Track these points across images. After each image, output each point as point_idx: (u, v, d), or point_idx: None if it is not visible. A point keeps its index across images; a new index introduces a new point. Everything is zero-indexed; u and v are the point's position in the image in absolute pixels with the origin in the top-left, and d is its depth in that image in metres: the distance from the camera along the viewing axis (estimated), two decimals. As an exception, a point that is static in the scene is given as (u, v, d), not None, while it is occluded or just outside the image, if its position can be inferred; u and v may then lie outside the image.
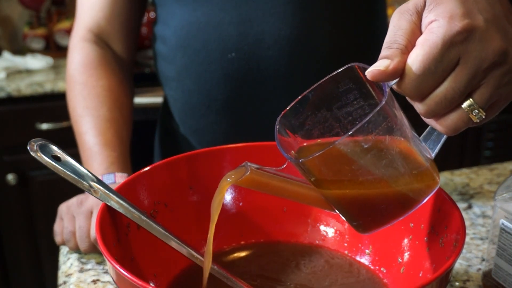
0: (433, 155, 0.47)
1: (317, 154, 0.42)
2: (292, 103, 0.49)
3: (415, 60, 0.41)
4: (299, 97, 0.49)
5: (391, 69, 0.41)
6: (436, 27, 0.41)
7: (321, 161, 0.43)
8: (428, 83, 0.42)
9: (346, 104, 0.48)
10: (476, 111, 0.43)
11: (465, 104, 0.43)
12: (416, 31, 0.43)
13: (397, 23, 0.44)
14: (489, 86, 0.42)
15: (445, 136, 0.47)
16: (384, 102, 0.41)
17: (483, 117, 0.43)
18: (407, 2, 0.45)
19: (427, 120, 0.45)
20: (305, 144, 0.50)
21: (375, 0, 0.86)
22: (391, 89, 0.43)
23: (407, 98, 0.44)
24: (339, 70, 0.47)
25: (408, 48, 0.42)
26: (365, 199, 0.45)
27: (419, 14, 0.43)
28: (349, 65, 0.46)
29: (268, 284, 0.56)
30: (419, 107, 0.43)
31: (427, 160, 0.46)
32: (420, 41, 0.42)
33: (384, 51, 0.43)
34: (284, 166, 0.48)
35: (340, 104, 0.49)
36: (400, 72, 0.42)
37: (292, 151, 0.49)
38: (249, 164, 0.49)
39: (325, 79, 0.47)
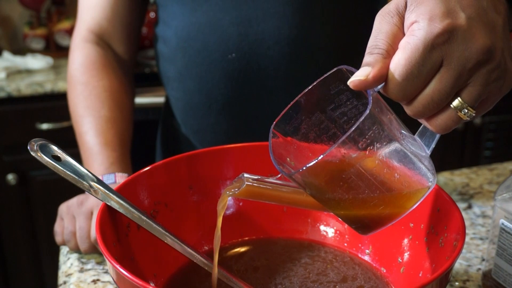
0: (428, 151, 0.46)
1: (305, 168, 0.42)
2: (284, 110, 0.48)
3: (398, 64, 0.41)
4: (291, 103, 0.48)
5: (372, 77, 0.41)
6: (417, 29, 0.41)
7: (311, 174, 0.43)
8: (413, 86, 0.41)
9: (339, 105, 0.48)
10: (465, 110, 0.42)
11: (453, 104, 0.42)
12: (398, 33, 0.42)
13: (378, 26, 0.43)
14: (477, 85, 0.42)
15: (438, 135, 0.46)
16: (368, 112, 0.40)
17: (473, 115, 0.42)
18: (389, 3, 0.44)
19: (420, 120, 0.45)
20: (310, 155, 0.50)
21: (374, 0, 0.86)
22: (379, 92, 0.43)
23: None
24: (328, 73, 0.46)
25: (389, 52, 0.42)
26: (361, 206, 0.45)
27: (401, 15, 0.43)
28: (337, 68, 0.46)
29: (268, 279, 0.56)
30: (407, 109, 0.43)
31: (421, 158, 0.45)
32: (402, 44, 0.41)
33: (366, 57, 0.42)
34: (279, 176, 0.48)
35: (333, 106, 0.48)
36: (382, 78, 0.41)
37: (288, 158, 0.49)
38: (246, 175, 0.49)
39: (315, 83, 0.47)
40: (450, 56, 0.41)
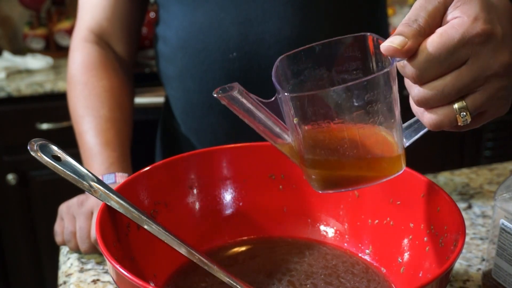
0: (406, 144, 0.48)
1: (310, 93, 0.43)
2: (298, 49, 0.49)
3: (430, 45, 0.42)
4: (306, 46, 0.49)
5: (406, 49, 0.42)
6: (459, 24, 0.42)
7: (310, 102, 0.44)
8: (433, 71, 0.42)
9: (345, 70, 0.49)
10: (464, 113, 0.43)
11: (456, 104, 0.43)
12: (438, 19, 0.44)
13: (423, 4, 0.44)
14: (484, 94, 0.43)
15: (424, 131, 0.48)
16: (389, 69, 0.42)
17: (468, 122, 0.44)
18: None
19: (414, 110, 0.46)
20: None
21: (375, 0, 0.86)
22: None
23: (405, 83, 0.45)
24: (352, 35, 0.47)
25: (426, 31, 0.43)
26: (333, 151, 0.46)
27: (446, 6, 0.44)
28: (363, 33, 0.47)
29: (268, 278, 0.56)
30: (415, 91, 0.44)
31: (401, 145, 0.47)
32: (439, 30, 0.43)
33: (402, 27, 0.43)
34: (272, 99, 0.48)
35: (340, 69, 0.49)
36: (412, 52, 0.43)
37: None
38: (238, 86, 0.48)
39: (336, 38, 0.48)
40: (476, 58, 0.42)
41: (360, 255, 0.60)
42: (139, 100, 1.59)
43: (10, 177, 1.68)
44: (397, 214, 0.57)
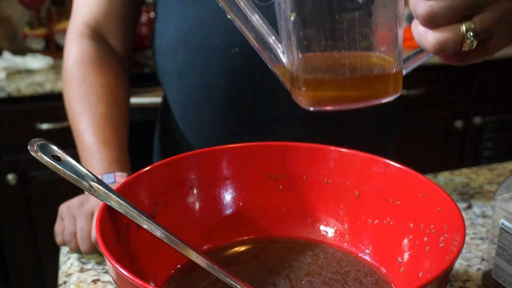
0: (405, 70, 0.46)
1: None
2: None
3: None
4: None
5: None
6: None
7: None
8: None
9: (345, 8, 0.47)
10: (471, 33, 0.42)
11: (464, 25, 0.42)
12: None
13: None
14: (493, 15, 0.42)
15: (425, 57, 0.46)
16: None
17: (473, 46, 0.42)
18: None
19: (416, 34, 0.44)
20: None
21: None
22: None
23: (410, 3, 0.44)
24: None
25: None
26: (329, 58, 0.43)
27: None
28: None
29: (268, 277, 0.56)
30: (421, 7, 0.42)
31: (400, 65, 0.45)
32: None
33: None
34: (268, 3, 0.46)
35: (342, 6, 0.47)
36: None
37: None
38: None
39: None
40: None
41: (360, 255, 0.60)
42: (139, 100, 1.59)
43: (10, 177, 1.68)
44: (397, 214, 0.57)
